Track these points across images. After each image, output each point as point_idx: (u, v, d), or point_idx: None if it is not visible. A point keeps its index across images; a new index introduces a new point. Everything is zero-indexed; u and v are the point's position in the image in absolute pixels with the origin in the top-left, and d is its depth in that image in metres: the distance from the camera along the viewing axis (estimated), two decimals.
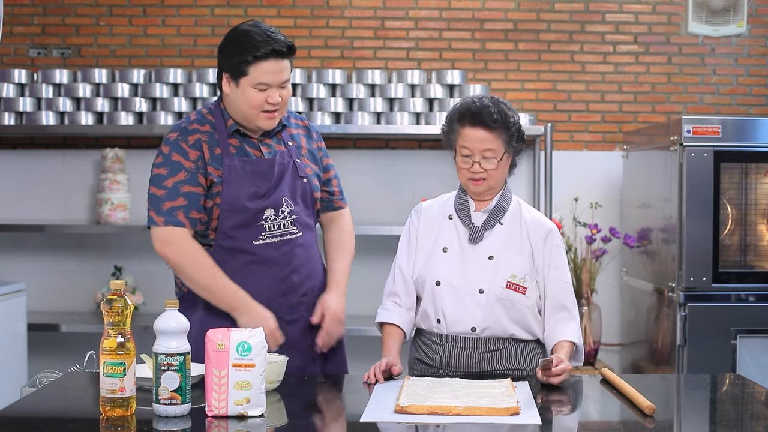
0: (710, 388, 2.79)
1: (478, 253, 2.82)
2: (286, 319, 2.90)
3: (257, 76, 2.78)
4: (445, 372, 2.78)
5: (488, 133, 2.75)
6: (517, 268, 2.79)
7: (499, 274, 2.78)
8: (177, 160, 2.82)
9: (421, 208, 2.95)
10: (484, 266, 2.80)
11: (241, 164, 2.84)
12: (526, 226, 2.85)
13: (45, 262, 5.01)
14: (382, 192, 5.01)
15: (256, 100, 2.80)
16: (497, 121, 2.75)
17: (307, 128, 3.07)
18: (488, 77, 5.08)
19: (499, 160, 2.77)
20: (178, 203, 2.80)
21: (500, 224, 2.84)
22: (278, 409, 2.43)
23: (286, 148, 2.94)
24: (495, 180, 2.80)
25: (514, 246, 2.82)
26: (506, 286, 2.77)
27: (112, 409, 2.24)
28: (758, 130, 4.20)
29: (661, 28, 5.12)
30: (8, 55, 5.08)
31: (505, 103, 2.82)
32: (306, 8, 5.08)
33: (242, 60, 2.78)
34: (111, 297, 2.25)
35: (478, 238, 2.82)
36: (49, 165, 5.03)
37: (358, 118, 4.70)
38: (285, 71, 2.81)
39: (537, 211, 2.94)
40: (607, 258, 4.86)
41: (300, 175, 2.92)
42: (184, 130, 2.86)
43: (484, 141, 2.75)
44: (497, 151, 2.76)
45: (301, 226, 2.92)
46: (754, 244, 4.25)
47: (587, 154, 5.12)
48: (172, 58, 5.06)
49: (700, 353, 4.09)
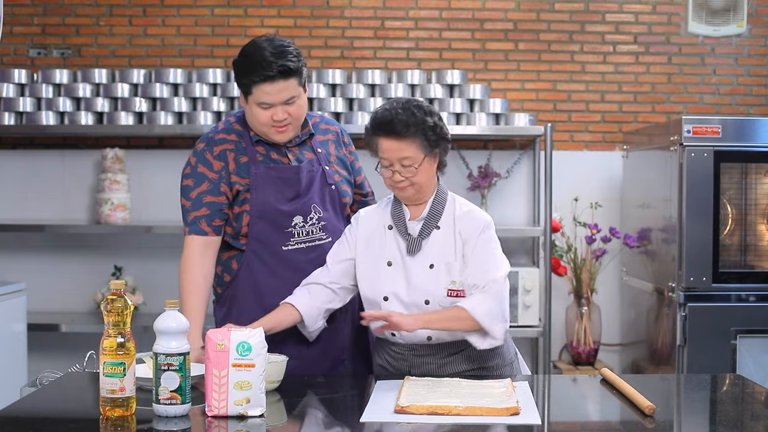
0: (710, 388, 2.79)
1: (418, 263, 2.76)
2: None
3: (259, 96, 2.84)
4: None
5: (400, 141, 2.67)
6: (455, 272, 2.73)
7: (440, 284, 2.73)
8: (202, 171, 2.93)
9: (359, 217, 2.90)
10: (426, 276, 2.74)
11: (266, 170, 2.91)
12: (458, 223, 2.77)
13: (45, 262, 5.01)
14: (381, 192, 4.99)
15: (262, 117, 2.86)
16: (409, 128, 2.66)
17: (338, 133, 3.13)
18: (488, 77, 5.08)
19: (418, 165, 2.69)
20: (201, 213, 2.92)
21: (437, 228, 2.77)
22: (278, 409, 2.43)
23: (315, 156, 3.00)
24: (421, 184, 2.73)
25: (449, 249, 2.76)
26: (447, 294, 2.72)
27: (112, 409, 2.24)
28: (758, 130, 4.20)
29: (661, 28, 5.12)
30: (8, 55, 5.08)
31: (419, 105, 2.72)
32: (306, 8, 5.08)
33: (245, 81, 2.86)
34: (111, 297, 2.25)
35: (416, 249, 2.76)
36: (49, 165, 5.03)
37: (358, 118, 4.70)
38: (285, 91, 2.83)
39: (471, 206, 2.84)
40: (607, 258, 4.85)
41: (328, 182, 2.99)
42: (210, 140, 2.96)
43: (398, 150, 2.68)
44: (414, 158, 2.68)
45: (330, 232, 2.97)
46: (754, 244, 4.25)
47: (587, 154, 5.12)
48: (172, 58, 5.06)
49: (700, 353, 4.09)
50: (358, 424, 2.26)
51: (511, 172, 4.98)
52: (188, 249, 2.92)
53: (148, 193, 4.96)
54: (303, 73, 2.87)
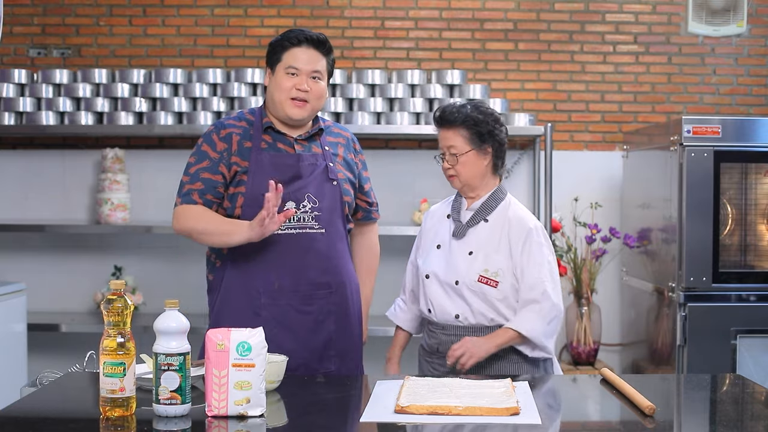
0: (710, 388, 2.79)
1: (461, 248, 3.02)
2: (297, 308, 2.97)
3: (288, 60, 2.98)
4: (437, 356, 3.02)
5: (448, 130, 3.00)
6: (492, 264, 2.96)
7: (473, 269, 2.97)
8: (205, 150, 3.02)
9: (428, 212, 3.22)
10: (464, 261, 2.99)
11: (268, 157, 2.99)
12: (508, 223, 3.00)
13: (45, 262, 5.01)
14: (382, 192, 4.98)
15: (287, 83, 2.97)
16: (457, 119, 2.97)
17: (349, 139, 3.21)
18: (488, 77, 5.08)
19: (462, 155, 2.97)
20: (195, 186, 2.99)
21: (485, 221, 3.01)
22: (278, 409, 2.43)
23: (321, 152, 3.06)
24: (465, 176, 3.01)
25: (493, 243, 2.98)
26: (478, 280, 2.96)
27: (112, 409, 2.24)
28: (758, 130, 4.20)
29: (661, 28, 5.12)
30: (8, 55, 5.08)
31: (477, 106, 3.02)
32: (306, 8, 5.08)
33: (280, 46, 3.00)
34: (111, 297, 2.25)
35: (461, 234, 3.02)
36: (49, 165, 5.03)
37: (358, 118, 4.70)
38: (316, 62, 3.00)
39: (524, 210, 3.07)
40: (607, 258, 4.86)
41: (330, 178, 3.03)
42: (220, 124, 3.08)
43: (446, 138, 3.01)
44: (459, 147, 2.97)
45: (325, 224, 3.01)
46: (754, 244, 4.25)
47: (587, 154, 5.12)
48: (172, 58, 5.06)
49: (700, 353, 4.09)
50: (358, 424, 2.26)
51: (511, 172, 4.99)
52: (181, 211, 2.98)
53: (148, 193, 4.96)
54: (331, 61, 3.06)
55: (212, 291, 3.07)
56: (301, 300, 2.98)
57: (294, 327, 2.96)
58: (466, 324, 2.98)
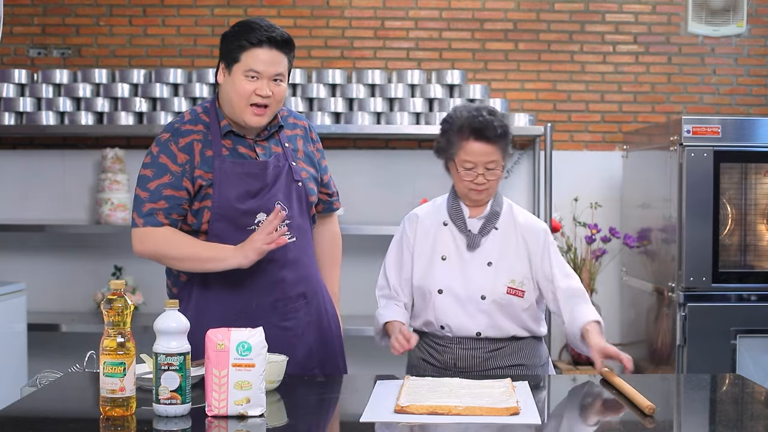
0: (710, 388, 2.79)
1: (476, 259, 2.89)
2: (278, 325, 2.83)
3: (248, 62, 2.72)
4: (452, 372, 2.83)
5: (491, 146, 2.82)
6: (516, 273, 2.88)
7: (499, 280, 2.87)
8: (164, 162, 2.78)
9: (416, 218, 2.99)
10: (484, 273, 2.88)
11: (232, 166, 2.78)
12: (520, 229, 2.93)
13: (45, 262, 5.01)
14: (382, 192, 5.02)
15: (246, 89, 2.73)
16: (499, 135, 2.83)
17: (306, 129, 3.01)
18: (488, 77, 5.08)
19: (498, 168, 2.86)
20: (159, 205, 2.78)
21: (495, 229, 2.92)
22: (278, 409, 2.43)
23: (282, 150, 2.89)
24: (495, 188, 2.90)
25: (510, 250, 2.90)
26: (507, 292, 2.86)
27: (112, 409, 2.24)
28: (758, 130, 4.20)
29: (661, 28, 5.12)
30: (8, 55, 5.08)
31: (495, 111, 2.88)
32: (306, 8, 5.08)
33: (237, 45, 2.73)
34: (111, 297, 2.25)
35: (476, 245, 2.89)
36: (49, 165, 5.03)
37: (358, 118, 4.70)
38: (278, 64, 2.74)
39: (528, 213, 3.02)
40: (607, 258, 4.86)
41: (295, 179, 2.87)
42: (176, 131, 2.82)
43: (488, 154, 2.82)
44: (499, 161, 2.85)
45: (295, 231, 2.86)
46: (754, 244, 4.25)
47: (587, 154, 5.12)
48: (172, 58, 5.06)
49: (700, 353, 4.09)
50: (358, 424, 2.26)
51: (510, 172, 4.99)
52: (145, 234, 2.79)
53: None
54: (292, 58, 2.81)
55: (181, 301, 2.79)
56: (280, 316, 2.85)
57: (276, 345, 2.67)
58: (485, 337, 2.88)
